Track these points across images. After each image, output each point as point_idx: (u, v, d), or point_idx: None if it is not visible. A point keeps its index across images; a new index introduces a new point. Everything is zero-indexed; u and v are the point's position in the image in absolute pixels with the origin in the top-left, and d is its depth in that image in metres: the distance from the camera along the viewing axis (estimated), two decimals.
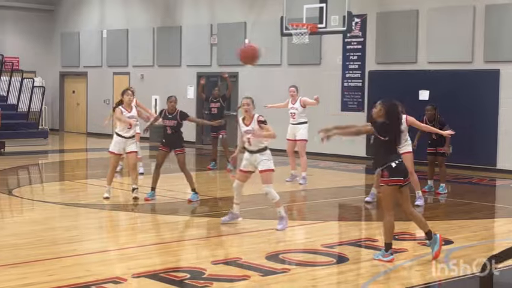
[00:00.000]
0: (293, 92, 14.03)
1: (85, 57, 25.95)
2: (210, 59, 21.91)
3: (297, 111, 13.81)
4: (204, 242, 8.67)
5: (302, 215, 10.60)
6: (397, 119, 7.60)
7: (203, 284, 6.46)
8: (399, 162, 7.48)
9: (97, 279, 6.50)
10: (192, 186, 11.37)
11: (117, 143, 11.35)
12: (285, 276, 6.86)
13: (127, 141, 11.36)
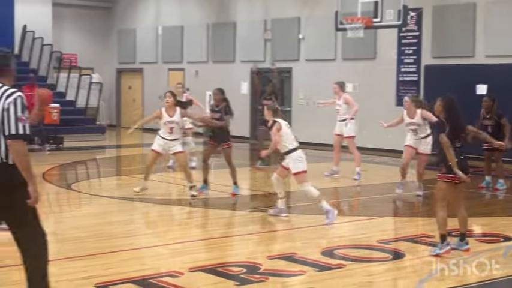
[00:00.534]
0: (335, 89, 13.97)
1: (141, 54, 26.27)
2: (264, 55, 21.94)
3: (340, 107, 13.74)
4: (259, 237, 8.71)
5: (357, 210, 10.55)
6: (455, 114, 7.58)
7: (259, 279, 6.50)
8: (458, 159, 7.45)
9: (155, 273, 6.59)
10: (234, 180, 11.45)
11: (160, 145, 11.24)
12: (340, 272, 6.85)
13: (170, 142, 11.22)
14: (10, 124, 4.87)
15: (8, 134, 4.86)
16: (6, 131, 4.87)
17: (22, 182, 4.89)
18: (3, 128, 4.89)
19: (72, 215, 10.27)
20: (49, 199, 12.03)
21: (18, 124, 4.87)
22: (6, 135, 4.87)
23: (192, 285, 6.24)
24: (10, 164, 4.91)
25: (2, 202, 4.93)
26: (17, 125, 4.87)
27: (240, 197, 11.45)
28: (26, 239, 5.10)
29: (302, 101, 20.47)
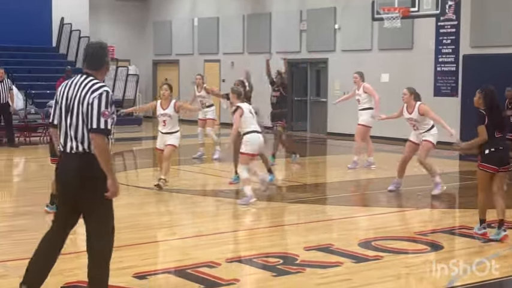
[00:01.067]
0: (356, 79, 13.89)
1: (177, 45, 26.37)
2: (300, 46, 21.86)
3: (360, 97, 13.68)
4: (295, 228, 8.70)
5: (395, 202, 10.47)
6: (494, 105, 7.64)
7: (296, 270, 6.49)
8: (493, 150, 7.52)
9: (192, 264, 6.62)
10: (267, 167, 11.47)
11: (159, 141, 11.19)
12: (377, 264, 6.81)
13: (164, 136, 11.06)
14: (93, 118, 5.02)
15: (90, 127, 5.02)
16: (89, 125, 5.02)
17: (103, 174, 5.03)
18: (87, 121, 5.03)
19: None
20: None
21: (100, 119, 5.02)
22: (89, 129, 5.02)
23: (229, 275, 6.25)
24: (92, 155, 5.05)
25: (80, 191, 5.09)
26: (99, 120, 5.01)
27: (276, 188, 11.43)
28: (94, 230, 5.21)
29: (338, 92, 20.35)
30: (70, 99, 5.16)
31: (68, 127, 5.14)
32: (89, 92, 5.09)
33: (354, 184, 12.16)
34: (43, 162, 15.34)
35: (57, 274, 6.41)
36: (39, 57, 23.76)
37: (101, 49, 5.37)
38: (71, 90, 5.19)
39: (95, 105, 5.04)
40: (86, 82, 5.17)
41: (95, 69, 5.29)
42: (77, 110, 5.10)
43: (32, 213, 9.34)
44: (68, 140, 5.12)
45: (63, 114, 5.20)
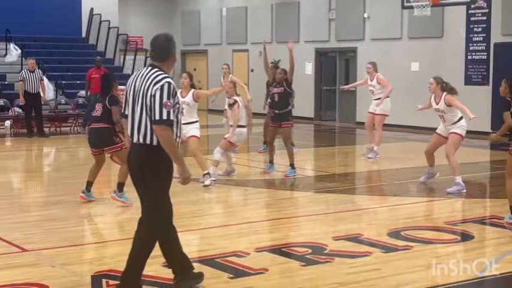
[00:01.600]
0: (369, 69, 13.89)
1: (205, 35, 26.40)
2: (328, 35, 21.76)
3: (374, 88, 13.68)
4: (324, 218, 8.68)
5: (424, 191, 10.40)
6: None
7: (325, 260, 6.48)
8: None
9: (221, 253, 6.64)
10: (291, 161, 11.43)
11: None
12: (407, 254, 6.78)
13: (186, 126, 10.52)
14: (155, 110, 5.13)
15: (153, 119, 5.14)
16: (152, 117, 5.15)
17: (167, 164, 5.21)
18: (150, 113, 5.17)
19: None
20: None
21: (162, 110, 5.13)
22: (152, 120, 5.15)
23: (257, 265, 6.26)
24: (155, 146, 5.19)
25: (138, 179, 5.31)
26: (161, 111, 5.12)
27: (305, 177, 11.43)
28: (145, 215, 5.41)
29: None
30: (136, 91, 5.30)
31: (134, 118, 5.30)
32: (152, 84, 5.20)
33: (383, 174, 12.09)
34: (73, 152, 15.50)
35: (86, 263, 6.49)
36: (69, 48, 23.95)
37: (167, 41, 5.45)
38: (137, 82, 5.33)
39: (157, 97, 5.14)
40: (150, 74, 5.29)
41: (161, 60, 5.39)
42: (141, 101, 5.23)
43: (63, 202, 9.44)
44: (135, 131, 5.28)
45: (130, 105, 5.35)
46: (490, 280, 6.09)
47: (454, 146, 10.10)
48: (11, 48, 21.48)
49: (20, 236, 7.40)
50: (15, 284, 5.69)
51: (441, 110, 10.09)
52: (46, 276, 5.92)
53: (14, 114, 18.49)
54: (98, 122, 9.12)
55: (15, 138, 17.47)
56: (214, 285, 5.72)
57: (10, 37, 21.74)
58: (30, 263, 6.41)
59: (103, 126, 9.05)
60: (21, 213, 8.82)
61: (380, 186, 11.16)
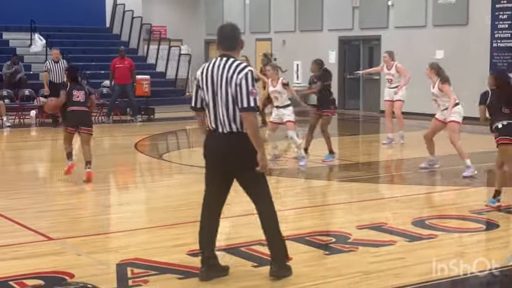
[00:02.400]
0: (386, 58, 14.13)
1: None
2: (352, 23, 21.65)
3: (393, 77, 13.90)
4: (348, 207, 8.66)
5: (449, 180, 10.34)
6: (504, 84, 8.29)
7: (349, 249, 6.48)
8: (506, 123, 8.03)
9: (245, 241, 6.66)
10: (329, 148, 11.63)
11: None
12: (431, 243, 6.75)
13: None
14: (243, 98, 5.29)
15: (241, 107, 5.30)
16: (240, 104, 5.31)
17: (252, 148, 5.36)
18: (237, 101, 5.31)
19: (163, 185, 10.48)
20: (141, 169, 12.34)
21: (250, 97, 5.30)
22: (240, 108, 5.31)
23: None
24: (244, 133, 5.38)
25: (238, 166, 5.47)
26: (248, 98, 5.29)
27: (329, 167, 11.41)
28: (258, 199, 5.68)
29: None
30: (217, 81, 5.39)
31: (217, 108, 5.39)
32: (236, 73, 5.33)
33: (407, 163, 12.04)
34: (98, 142, 15.61)
35: (112, 251, 6.55)
36: (94, 38, 24.09)
37: (233, 30, 5.61)
38: (215, 73, 5.41)
39: (243, 85, 5.29)
40: (230, 63, 5.40)
41: (232, 49, 5.52)
42: (225, 91, 5.35)
43: (86, 191, 9.52)
44: (219, 120, 5.40)
45: (210, 96, 5.43)
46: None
47: (455, 132, 10.41)
48: (36, 39, 21.63)
49: (46, 224, 7.48)
50: (42, 272, 5.75)
51: (435, 94, 10.57)
52: (72, 264, 5.98)
53: (39, 104, 18.64)
54: (81, 106, 10.37)
55: (41, 127, 17.62)
56: (238, 273, 5.74)
57: (35, 27, 21.90)
58: (56, 251, 6.48)
59: (85, 110, 10.46)
60: (46, 203, 8.90)
61: (404, 175, 11.10)
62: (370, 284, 5.49)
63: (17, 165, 12.24)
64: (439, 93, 10.47)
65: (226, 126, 5.39)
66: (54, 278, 5.62)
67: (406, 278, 5.63)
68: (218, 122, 5.41)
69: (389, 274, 5.72)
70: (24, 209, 8.34)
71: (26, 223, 7.46)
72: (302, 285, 5.48)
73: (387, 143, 13.77)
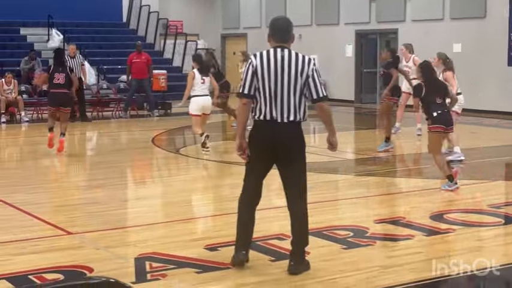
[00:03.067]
0: (402, 51, 14.51)
1: (244, 19, 26.36)
2: (369, 16, 21.56)
3: (410, 69, 13.98)
4: (365, 201, 8.65)
5: (467, 174, 10.29)
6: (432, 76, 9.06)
7: (366, 243, 6.46)
8: (440, 112, 8.75)
9: (263, 236, 6.65)
10: (387, 135, 12.04)
11: None
12: (449, 237, 6.72)
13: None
14: (317, 88, 5.49)
15: (316, 97, 5.49)
16: (315, 95, 5.48)
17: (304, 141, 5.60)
18: (310, 92, 5.48)
19: (180, 179, 10.51)
20: (158, 163, 12.37)
21: (322, 87, 5.54)
22: (316, 98, 5.49)
23: None
24: (301, 123, 5.56)
25: (291, 156, 5.55)
26: (322, 88, 5.53)
27: (345, 161, 11.39)
28: (294, 195, 5.66)
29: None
30: (283, 72, 5.45)
31: (281, 98, 5.44)
32: (306, 64, 5.48)
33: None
34: (115, 137, 15.68)
35: (130, 246, 6.57)
36: (110, 32, 24.16)
37: (288, 23, 5.80)
38: (279, 63, 5.48)
39: (316, 76, 5.49)
40: (295, 55, 5.53)
41: (286, 41, 5.64)
42: (294, 80, 5.45)
43: (104, 186, 9.56)
44: (282, 110, 5.44)
45: (272, 86, 5.45)
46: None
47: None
48: (53, 34, 21.74)
49: (64, 219, 7.52)
50: (61, 266, 5.78)
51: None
52: (90, 258, 6.01)
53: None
54: (60, 88, 11.70)
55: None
56: (255, 267, 5.74)
57: (52, 23, 22.00)
58: (74, 245, 6.52)
59: (65, 92, 11.78)
60: (64, 197, 8.96)
61: (422, 169, 11.05)
62: (388, 278, 5.47)
63: (35, 160, 12.31)
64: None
65: (291, 116, 5.45)
66: (73, 272, 5.65)
67: (424, 272, 5.60)
68: (279, 111, 5.44)
69: (407, 268, 5.70)
70: (43, 203, 8.39)
71: (45, 217, 7.51)
72: (320, 279, 5.47)
73: (394, 132, 13.88)
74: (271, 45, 5.64)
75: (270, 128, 5.47)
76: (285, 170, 5.62)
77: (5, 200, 8.38)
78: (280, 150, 5.49)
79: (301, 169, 5.62)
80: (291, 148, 5.51)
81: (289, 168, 5.59)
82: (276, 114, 5.44)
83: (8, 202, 8.28)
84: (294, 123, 5.48)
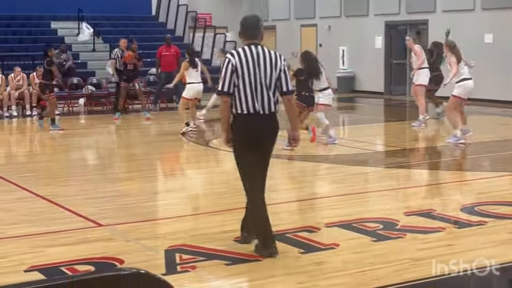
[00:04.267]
0: (407, 42, 14.95)
1: (273, 11, 26.31)
2: (399, 7, 21.39)
3: (413, 60, 14.51)
4: (395, 193, 8.60)
5: (498, 165, 10.18)
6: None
7: (396, 235, 6.43)
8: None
9: (292, 228, 6.66)
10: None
11: None
12: (481, 229, 6.65)
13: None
14: (287, 82, 5.83)
15: (286, 90, 5.80)
16: (285, 88, 5.79)
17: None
18: (281, 85, 5.78)
19: (209, 171, 10.54)
20: (187, 156, 12.42)
21: (290, 82, 5.90)
22: (285, 91, 5.80)
23: (328, 240, 6.26)
24: (276, 114, 5.84)
25: (273, 144, 5.95)
26: (290, 83, 5.89)
27: (375, 153, 11.34)
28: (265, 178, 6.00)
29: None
30: (260, 67, 5.73)
31: (261, 92, 5.72)
32: (279, 59, 5.81)
33: (455, 148, 11.88)
34: (145, 129, 15.76)
35: (160, 238, 6.61)
36: (140, 26, 24.27)
37: (258, 20, 6.02)
38: (256, 59, 5.74)
39: (286, 71, 5.83)
40: (268, 51, 5.84)
41: (257, 37, 5.89)
42: (270, 75, 5.75)
43: (134, 178, 9.62)
44: (262, 103, 5.72)
45: (252, 81, 5.71)
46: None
47: (452, 105, 11.79)
48: (83, 28, 21.88)
49: (95, 211, 7.58)
50: (92, 258, 5.84)
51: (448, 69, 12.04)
52: (121, 250, 6.06)
53: (88, 92, 18.89)
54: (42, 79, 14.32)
55: (89, 115, 17.87)
56: (285, 260, 5.74)
57: (82, 16, 22.16)
58: (105, 237, 6.57)
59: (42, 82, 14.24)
60: (95, 189, 9.02)
61: (452, 161, 10.97)
62: (418, 270, 5.44)
63: (66, 153, 12.43)
64: (449, 68, 11.90)
65: (272, 107, 5.75)
66: (104, 264, 5.70)
67: (455, 265, 5.55)
68: (261, 104, 5.72)
69: (438, 261, 5.65)
70: (74, 196, 8.47)
71: (76, 210, 7.58)
72: (349, 271, 5.46)
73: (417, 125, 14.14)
74: (242, 43, 5.90)
75: (255, 120, 5.75)
76: (264, 159, 5.94)
77: (37, 193, 8.48)
78: (264, 140, 5.83)
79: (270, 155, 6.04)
80: (273, 137, 5.88)
81: (268, 157, 5.98)
82: (259, 107, 5.72)
83: (40, 195, 8.38)
84: (274, 114, 5.80)
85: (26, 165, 11.15)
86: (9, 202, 8.23)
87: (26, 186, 8.88)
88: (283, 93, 5.79)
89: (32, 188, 8.74)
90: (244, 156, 5.86)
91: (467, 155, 11.10)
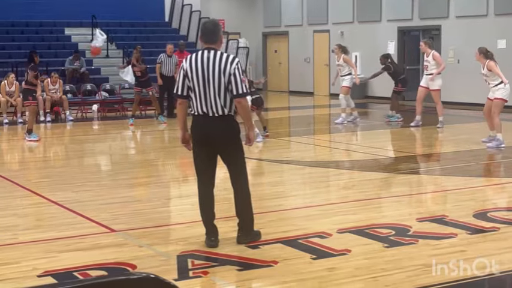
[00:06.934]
0: (421, 47, 15.29)
1: (286, 17, 26.35)
2: (412, 13, 21.36)
3: (429, 63, 14.89)
4: (407, 199, 8.59)
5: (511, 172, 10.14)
6: None
7: (409, 241, 6.42)
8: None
9: (303, 234, 6.67)
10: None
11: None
12: (494, 235, 6.63)
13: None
14: (237, 85, 6.00)
15: (236, 93, 6.00)
16: (235, 91, 6.00)
17: (238, 130, 6.20)
18: (231, 88, 5.98)
19: (222, 177, 10.53)
20: None
21: (242, 85, 6.03)
22: (235, 95, 6.00)
23: (340, 246, 6.26)
24: (232, 115, 6.12)
25: (226, 145, 6.19)
26: (242, 86, 6.02)
27: (387, 158, 11.32)
28: (236, 176, 6.35)
29: (452, 60, 19.81)
30: (208, 72, 6.02)
31: (209, 95, 6.02)
32: (229, 64, 6.01)
33: (468, 154, 11.84)
34: (158, 135, 15.81)
35: (172, 243, 6.63)
36: (153, 32, 24.36)
37: (216, 26, 6.22)
38: (205, 64, 6.03)
39: (237, 75, 5.98)
40: (220, 55, 6.07)
41: (214, 42, 6.15)
42: (218, 79, 5.99)
43: (147, 184, 9.65)
44: (211, 106, 6.04)
45: (201, 85, 6.04)
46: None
47: (497, 108, 11.92)
48: (97, 34, 21.98)
49: (108, 216, 7.62)
50: (105, 264, 5.87)
51: (484, 74, 12.00)
52: (134, 256, 6.09)
53: (101, 98, 18.98)
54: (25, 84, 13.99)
55: (102, 121, 17.95)
56: (297, 265, 5.75)
57: (96, 23, 22.27)
58: (118, 243, 6.60)
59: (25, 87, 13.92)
60: (108, 195, 9.06)
61: (465, 167, 10.92)
62: (431, 276, 5.43)
63: (79, 159, 12.49)
64: (487, 72, 11.89)
65: (219, 111, 6.04)
66: (117, 269, 5.73)
67: (467, 271, 5.54)
68: (209, 107, 6.04)
69: (450, 267, 5.64)
70: (87, 201, 8.51)
71: (89, 215, 7.62)
72: (361, 277, 5.46)
73: (414, 125, 15.05)
74: (202, 47, 6.21)
75: (203, 121, 6.09)
76: (225, 157, 6.31)
77: (51, 198, 8.53)
78: (215, 140, 6.13)
79: (238, 154, 6.26)
80: (224, 137, 6.13)
81: (228, 155, 6.26)
82: (207, 109, 6.05)
83: (54, 200, 8.43)
84: (224, 116, 6.05)
85: (40, 171, 11.21)
86: (23, 208, 8.29)
87: (40, 192, 8.94)
88: (233, 96, 6.01)
89: (46, 194, 8.79)
90: (195, 152, 6.29)
91: (480, 161, 11.05)
